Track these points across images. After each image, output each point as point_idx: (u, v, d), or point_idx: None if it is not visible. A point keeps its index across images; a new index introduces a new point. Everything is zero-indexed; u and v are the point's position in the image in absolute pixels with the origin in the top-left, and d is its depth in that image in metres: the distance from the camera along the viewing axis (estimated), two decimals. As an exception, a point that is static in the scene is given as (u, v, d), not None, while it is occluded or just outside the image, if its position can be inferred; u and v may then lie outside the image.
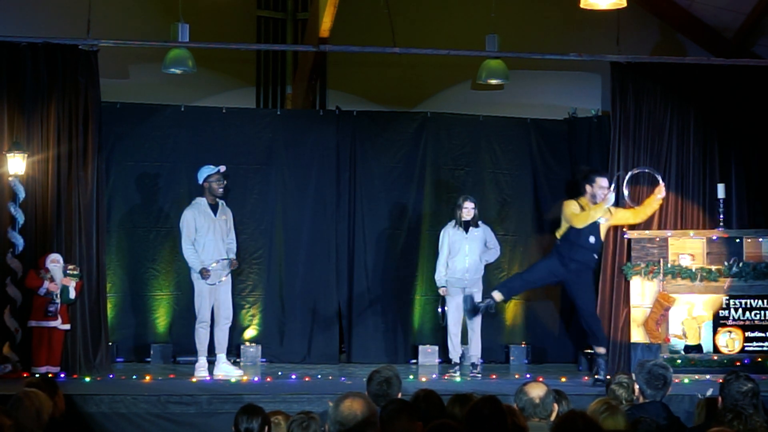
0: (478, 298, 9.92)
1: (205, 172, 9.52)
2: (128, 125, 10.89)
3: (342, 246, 11.21)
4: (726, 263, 9.71)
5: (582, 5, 7.56)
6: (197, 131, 11.05)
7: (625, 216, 9.61)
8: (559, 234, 9.29)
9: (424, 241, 11.27)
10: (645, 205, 9.61)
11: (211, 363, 9.60)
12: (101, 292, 9.69)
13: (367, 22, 11.31)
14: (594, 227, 9.16)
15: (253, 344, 10.91)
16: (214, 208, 9.55)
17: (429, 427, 4.13)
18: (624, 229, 10.05)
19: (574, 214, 9.11)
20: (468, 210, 9.88)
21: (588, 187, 9.21)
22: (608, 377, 7.83)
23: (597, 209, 9.08)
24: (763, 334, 9.68)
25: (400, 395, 5.32)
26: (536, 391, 4.87)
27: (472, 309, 9.60)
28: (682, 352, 9.73)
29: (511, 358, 11.25)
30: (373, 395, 5.22)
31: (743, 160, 10.53)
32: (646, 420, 4.75)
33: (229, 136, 11.10)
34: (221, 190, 9.53)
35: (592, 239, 9.17)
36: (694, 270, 9.73)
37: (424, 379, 9.40)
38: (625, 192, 9.74)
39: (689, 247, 9.81)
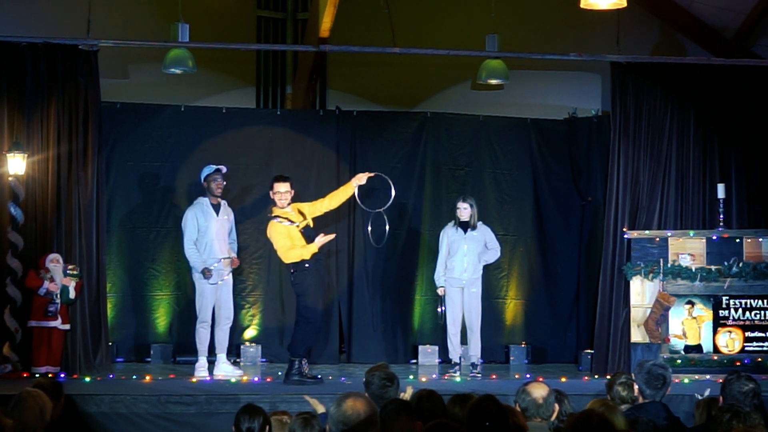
0: (477, 298, 9.91)
1: (206, 171, 9.54)
2: (128, 125, 10.89)
3: (342, 246, 11.20)
4: (726, 263, 9.71)
5: (582, 5, 7.55)
6: (197, 131, 11.05)
7: (320, 206, 9.44)
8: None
9: (424, 241, 11.27)
10: (341, 189, 9.48)
11: (211, 363, 9.61)
12: (101, 292, 9.68)
13: (367, 22, 11.31)
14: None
15: (253, 344, 10.91)
16: (216, 207, 9.56)
17: (427, 426, 4.13)
18: (623, 230, 10.07)
19: (284, 245, 8.98)
20: (461, 210, 9.86)
21: (271, 194, 9.19)
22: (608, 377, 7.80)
23: (308, 248, 8.96)
24: (763, 334, 9.68)
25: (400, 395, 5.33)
26: (539, 391, 4.86)
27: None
28: (682, 352, 9.73)
29: (511, 358, 11.24)
30: (375, 396, 5.21)
31: (743, 160, 10.53)
32: (642, 420, 4.75)
33: (229, 136, 11.09)
34: (219, 190, 9.52)
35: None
36: (694, 270, 9.73)
37: (424, 379, 9.39)
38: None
39: (689, 247, 9.80)
